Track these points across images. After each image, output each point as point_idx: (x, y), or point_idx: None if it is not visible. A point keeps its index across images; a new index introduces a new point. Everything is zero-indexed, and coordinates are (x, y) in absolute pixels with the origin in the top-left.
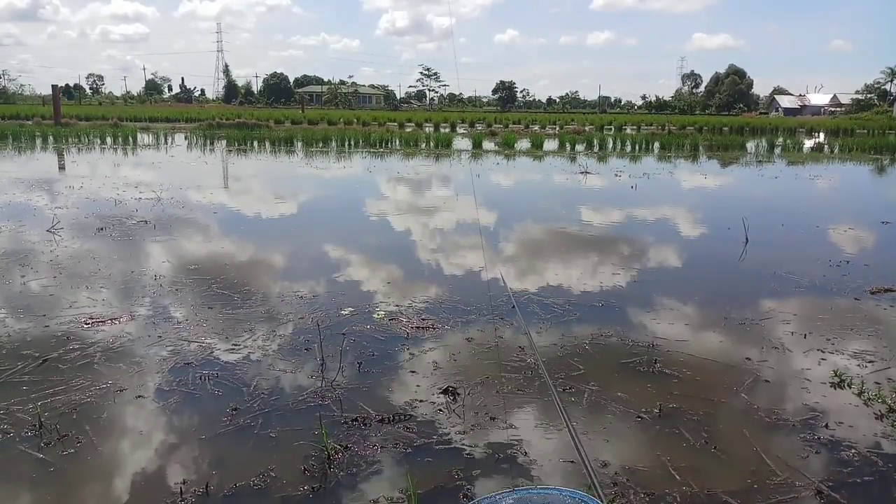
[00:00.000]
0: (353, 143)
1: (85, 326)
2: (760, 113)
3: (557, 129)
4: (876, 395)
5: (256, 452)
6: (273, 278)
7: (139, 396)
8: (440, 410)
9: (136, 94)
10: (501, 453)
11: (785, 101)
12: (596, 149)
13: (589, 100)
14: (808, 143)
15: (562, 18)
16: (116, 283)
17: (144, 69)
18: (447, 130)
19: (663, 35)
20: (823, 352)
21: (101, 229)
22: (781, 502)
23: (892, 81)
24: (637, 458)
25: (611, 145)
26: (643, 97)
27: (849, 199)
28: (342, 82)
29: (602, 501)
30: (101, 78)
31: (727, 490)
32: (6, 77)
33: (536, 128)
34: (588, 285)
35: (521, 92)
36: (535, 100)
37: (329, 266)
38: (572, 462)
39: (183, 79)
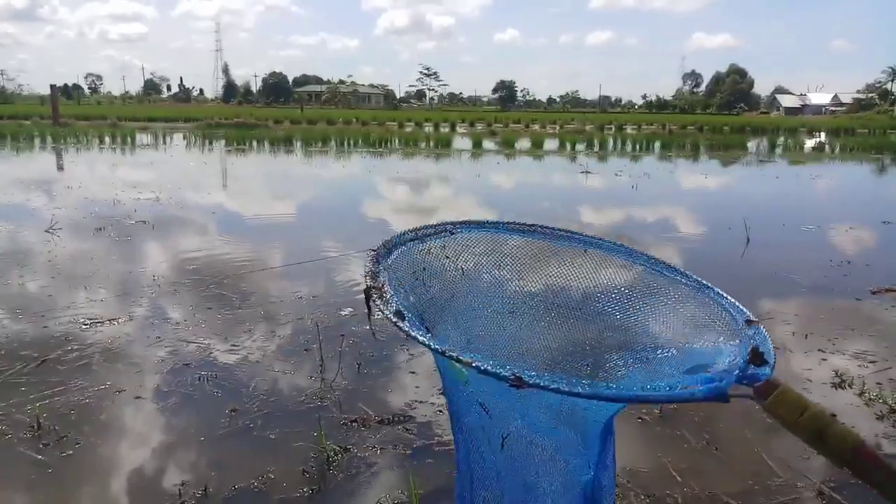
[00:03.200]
0: (352, 142)
1: (83, 327)
2: (762, 112)
3: (558, 128)
4: (877, 395)
5: (255, 454)
6: (272, 279)
7: (138, 397)
8: (440, 411)
9: (134, 94)
10: None
11: (786, 101)
12: (596, 148)
13: (589, 99)
14: (810, 143)
15: (562, 18)
16: (115, 283)
17: (143, 69)
18: (447, 130)
19: (664, 34)
20: (824, 352)
21: (100, 229)
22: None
23: (893, 81)
24: (638, 460)
25: (611, 145)
26: (644, 97)
27: (850, 199)
28: (341, 81)
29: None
30: (99, 77)
31: (728, 492)
32: (5, 77)
33: (537, 127)
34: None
35: (522, 91)
36: (535, 99)
37: (328, 266)
38: None
39: (182, 78)
